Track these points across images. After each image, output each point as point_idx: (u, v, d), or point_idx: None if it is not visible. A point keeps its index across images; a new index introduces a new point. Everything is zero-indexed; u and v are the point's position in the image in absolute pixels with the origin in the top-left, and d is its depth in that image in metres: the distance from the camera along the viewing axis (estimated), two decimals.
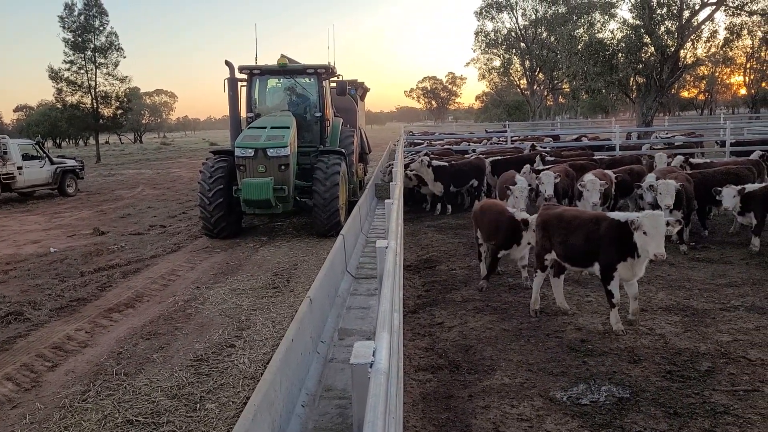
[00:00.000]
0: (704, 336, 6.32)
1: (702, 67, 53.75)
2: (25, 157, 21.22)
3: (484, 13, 56.96)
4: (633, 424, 4.65)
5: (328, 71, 14.20)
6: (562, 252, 7.02)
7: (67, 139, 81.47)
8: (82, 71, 41.98)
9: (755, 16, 35.92)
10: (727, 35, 35.92)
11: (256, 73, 14.15)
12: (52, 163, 22.08)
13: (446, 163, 15.44)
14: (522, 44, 56.37)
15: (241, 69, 13.95)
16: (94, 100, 42.54)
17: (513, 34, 57.06)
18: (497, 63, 61.61)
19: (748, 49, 60.27)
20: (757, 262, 9.05)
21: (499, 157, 16.51)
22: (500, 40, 58.18)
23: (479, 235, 8.76)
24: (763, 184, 10.09)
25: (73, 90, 42.48)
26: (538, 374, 5.65)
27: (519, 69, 59.89)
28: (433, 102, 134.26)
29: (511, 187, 10.63)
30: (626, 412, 4.85)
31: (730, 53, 53.56)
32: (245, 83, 14.20)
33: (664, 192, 9.38)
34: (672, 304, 7.33)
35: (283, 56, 14.58)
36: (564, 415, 4.86)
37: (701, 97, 77.85)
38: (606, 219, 6.63)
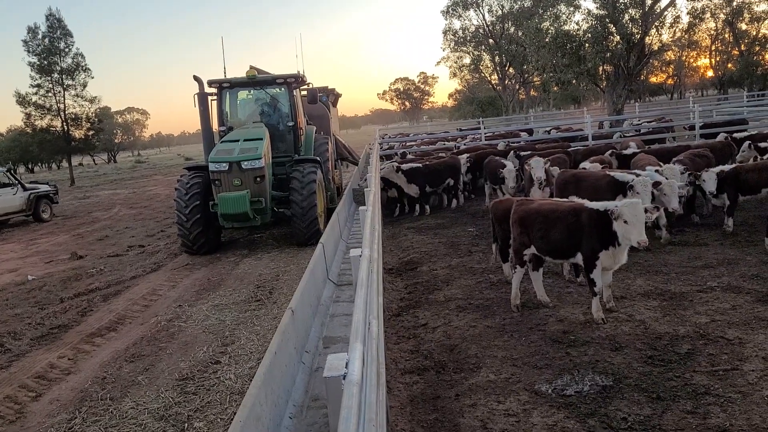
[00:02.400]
0: (683, 319, 6.42)
1: (668, 53, 54.54)
2: None
3: (451, 11, 57.26)
4: (617, 411, 4.73)
5: (298, 80, 14.20)
6: (542, 246, 7.08)
7: (39, 164, 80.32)
8: (50, 94, 41.49)
9: None
10: (691, 19, 36.49)
11: (226, 87, 14.10)
12: (24, 189, 21.75)
13: (419, 164, 15.50)
14: (491, 40, 56.76)
15: (210, 83, 13.89)
16: (65, 123, 42.04)
17: (481, 30, 57.43)
18: (467, 60, 61.96)
19: (712, 32, 61.43)
20: (731, 242, 9.22)
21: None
22: (469, 38, 58.52)
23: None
24: (734, 165, 10.29)
25: (42, 114, 41.99)
26: (522, 368, 5.71)
27: (489, 65, 60.28)
28: (406, 103, 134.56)
29: (501, 169, 11.05)
30: (610, 399, 4.93)
31: (695, 37, 54.45)
32: (215, 97, 14.14)
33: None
34: (650, 290, 7.44)
35: (252, 68, 14.57)
36: (550, 408, 4.92)
37: (670, 81, 78.98)
38: (585, 209, 6.71)
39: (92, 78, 43.14)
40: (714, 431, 4.33)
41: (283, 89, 14.24)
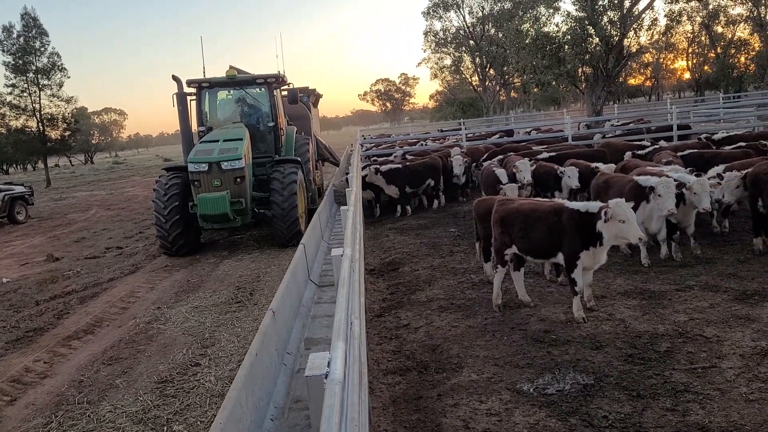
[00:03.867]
0: (662, 317, 6.48)
1: (646, 55, 55.22)
2: None
3: (432, 12, 57.44)
4: (598, 410, 4.75)
5: (278, 80, 14.13)
6: (523, 245, 7.10)
7: (14, 165, 79.07)
8: (25, 94, 40.69)
9: (692, 2, 37.10)
10: (668, 22, 36.97)
11: (205, 86, 13.99)
12: None
13: (399, 165, 15.50)
14: (471, 42, 57.01)
15: (190, 83, 13.77)
16: (40, 123, 41.31)
17: (461, 32, 57.68)
18: (448, 61, 62.21)
19: (689, 35, 62.28)
20: (709, 242, 9.32)
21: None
22: (449, 39, 58.76)
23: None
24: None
25: (17, 114, 41.22)
26: (504, 368, 5.72)
27: (470, 66, 60.55)
28: (387, 104, 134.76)
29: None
30: (591, 398, 4.95)
31: (672, 39, 55.16)
32: (195, 97, 14.02)
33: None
34: (630, 289, 7.50)
35: (231, 67, 14.46)
36: (532, 407, 4.93)
37: (648, 83, 79.86)
38: (566, 209, 6.73)
39: (68, 78, 42.43)
40: (693, 428, 4.36)
41: (263, 89, 14.16)
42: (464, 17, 56.69)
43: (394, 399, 5.42)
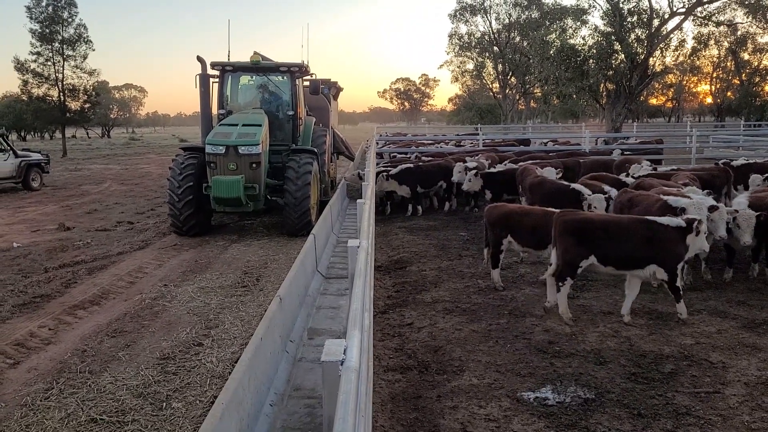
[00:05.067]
0: (668, 339, 6.45)
1: (670, 75, 54.93)
2: None
3: (458, 15, 57.36)
4: (598, 425, 4.73)
5: (301, 69, 14.14)
6: (607, 257, 7.00)
7: (32, 133, 79.65)
8: (49, 63, 41.04)
9: (722, 27, 36.85)
10: (695, 44, 36.76)
11: (229, 70, 14.02)
12: (16, 156, 21.55)
13: (411, 165, 15.49)
14: (495, 48, 56.85)
15: (214, 65, 13.81)
16: (61, 93, 41.62)
17: (486, 37, 57.54)
18: (470, 66, 62.11)
19: (715, 59, 61.89)
20: (720, 268, 9.25)
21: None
22: (474, 44, 58.64)
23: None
24: None
25: (39, 82, 41.52)
26: (505, 375, 5.71)
27: (492, 72, 60.44)
28: (406, 103, 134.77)
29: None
30: (591, 412, 4.93)
31: (698, 62, 54.86)
32: (217, 80, 14.06)
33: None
34: (637, 308, 7.45)
35: (256, 53, 14.48)
36: (531, 416, 4.92)
37: (669, 104, 79.48)
38: (658, 224, 6.93)
39: (93, 50, 42.74)
40: None
41: (285, 77, 14.17)
42: (490, 23, 56.57)
43: (393, 396, 5.42)
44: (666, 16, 30.47)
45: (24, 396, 5.49)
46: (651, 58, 30.00)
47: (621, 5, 30.02)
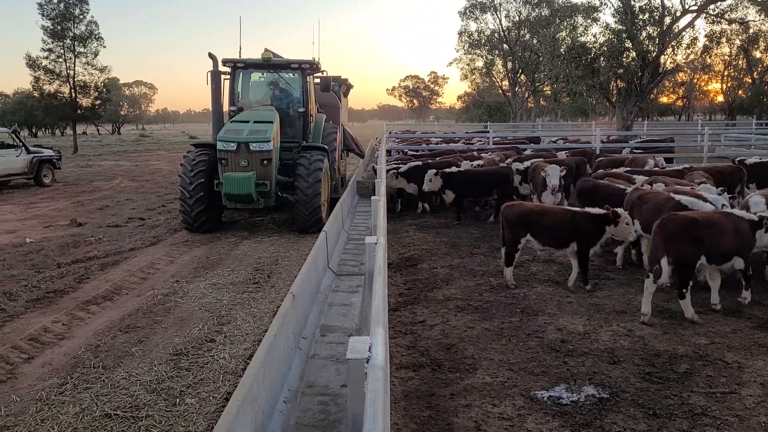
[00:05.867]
0: (682, 338, 6.40)
1: (681, 74, 54.58)
2: (1, 145, 20.82)
3: (468, 13, 57.33)
4: (613, 425, 4.70)
5: (312, 66, 14.13)
6: (715, 254, 7.07)
7: (43, 129, 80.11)
8: (60, 60, 41.26)
9: (734, 25, 36.56)
10: (707, 42, 36.52)
11: (240, 67, 14.03)
12: (28, 152, 21.67)
13: (419, 163, 15.48)
14: (505, 45, 56.74)
15: (225, 62, 13.82)
16: (73, 90, 41.84)
17: (496, 35, 57.45)
18: (480, 63, 62.08)
19: (726, 57, 61.46)
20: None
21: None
22: (483, 41, 58.58)
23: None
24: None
25: (51, 79, 41.75)
26: (519, 374, 5.68)
27: (501, 70, 60.36)
28: (414, 101, 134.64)
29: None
30: (606, 412, 4.90)
31: (709, 60, 54.50)
32: (228, 76, 14.08)
33: None
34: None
35: (267, 50, 14.49)
36: (545, 415, 4.90)
37: (679, 103, 78.97)
38: (745, 219, 7.24)
39: (104, 47, 43.01)
40: None
41: (296, 74, 14.17)
42: (500, 20, 56.49)
43: (406, 394, 5.40)
44: (678, 14, 30.27)
45: (38, 391, 5.52)
46: (662, 56, 29.80)
47: (632, 2, 29.86)
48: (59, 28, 40.36)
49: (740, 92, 64.65)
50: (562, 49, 32.99)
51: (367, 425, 1.83)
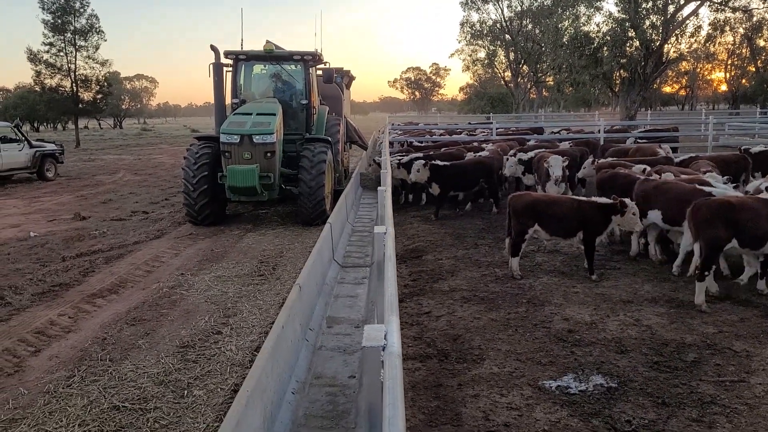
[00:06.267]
0: (690, 327, 6.38)
1: (684, 63, 54.36)
2: (3, 140, 20.80)
3: (470, 3, 56.98)
4: (621, 414, 4.69)
5: (314, 58, 14.07)
6: (747, 238, 7.06)
7: (45, 123, 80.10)
8: (61, 54, 41.15)
9: (738, 13, 36.34)
10: (710, 31, 36.33)
11: (242, 59, 13.98)
12: (30, 146, 21.66)
13: (422, 154, 15.42)
14: (507, 36, 56.45)
15: (227, 54, 13.76)
16: (74, 84, 41.73)
17: (498, 25, 57.13)
18: (482, 54, 61.78)
19: (730, 46, 61.17)
20: (741, 256, 9.13)
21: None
22: (485, 32, 58.26)
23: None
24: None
25: (52, 73, 41.64)
26: (526, 364, 5.67)
27: (503, 61, 60.11)
28: (416, 93, 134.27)
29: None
30: (615, 401, 4.89)
31: (712, 49, 54.24)
32: (230, 69, 14.03)
33: None
34: (658, 296, 7.39)
35: (269, 42, 14.43)
36: (553, 404, 4.89)
37: (682, 92, 78.67)
38: None
39: (105, 41, 42.86)
40: None
41: (299, 66, 14.11)
42: (502, 10, 56.13)
43: (413, 385, 5.40)
44: (681, 2, 30.06)
45: (46, 383, 5.52)
46: (666, 45, 29.62)
47: None
48: (60, 21, 40.21)
49: (744, 81, 64.37)
50: (564, 39, 32.83)
51: (387, 412, 1.82)
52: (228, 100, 14.18)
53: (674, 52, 31.27)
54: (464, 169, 13.43)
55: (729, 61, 65.57)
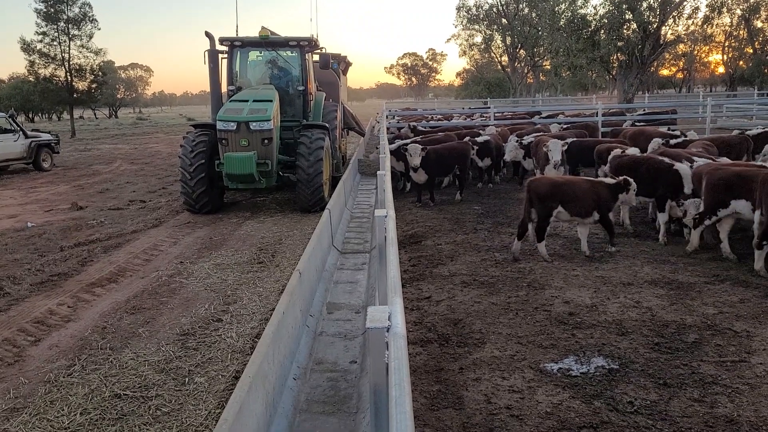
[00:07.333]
0: (690, 309, 6.38)
1: (681, 45, 54.09)
2: None
3: None
4: (623, 395, 4.69)
5: (310, 44, 13.96)
6: None
7: (40, 114, 79.71)
8: (55, 43, 40.84)
9: None
10: (708, 12, 36.14)
11: (237, 45, 13.86)
12: (26, 137, 21.54)
13: (419, 139, 15.38)
14: (504, 20, 56.15)
15: (222, 41, 13.65)
16: (68, 73, 41.45)
17: (495, 9, 56.82)
18: (478, 39, 61.57)
19: (727, 27, 60.87)
20: (740, 236, 9.14)
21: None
22: (482, 16, 57.96)
23: None
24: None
25: (46, 62, 41.34)
26: (527, 347, 5.67)
27: (500, 45, 59.83)
28: (413, 79, 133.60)
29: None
30: (616, 383, 4.89)
31: (710, 31, 54.00)
32: (226, 56, 13.92)
33: None
34: (657, 278, 7.39)
35: (264, 28, 14.31)
36: (555, 387, 4.89)
37: (680, 75, 78.44)
38: None
39: (99, 29, 42.45)
40: (721, 420, 4.30)
41: (295, 52, 14.01)
42: None
43: (414, 369, 5.39)
44: None
45: (47, 373, 5.51)
46: (663, 27, 29.48)
47: None
48: (52, 10, 39.86)
49: (741, 63, 64.11)
50: (561, 22, 32.67)
51: (393, 393, 1.80)
52: (224, 87, 14.08)
53: (672, 34, 31.13)
54: (442, 154, 13.13)
55: (726, 43, 65.26)
